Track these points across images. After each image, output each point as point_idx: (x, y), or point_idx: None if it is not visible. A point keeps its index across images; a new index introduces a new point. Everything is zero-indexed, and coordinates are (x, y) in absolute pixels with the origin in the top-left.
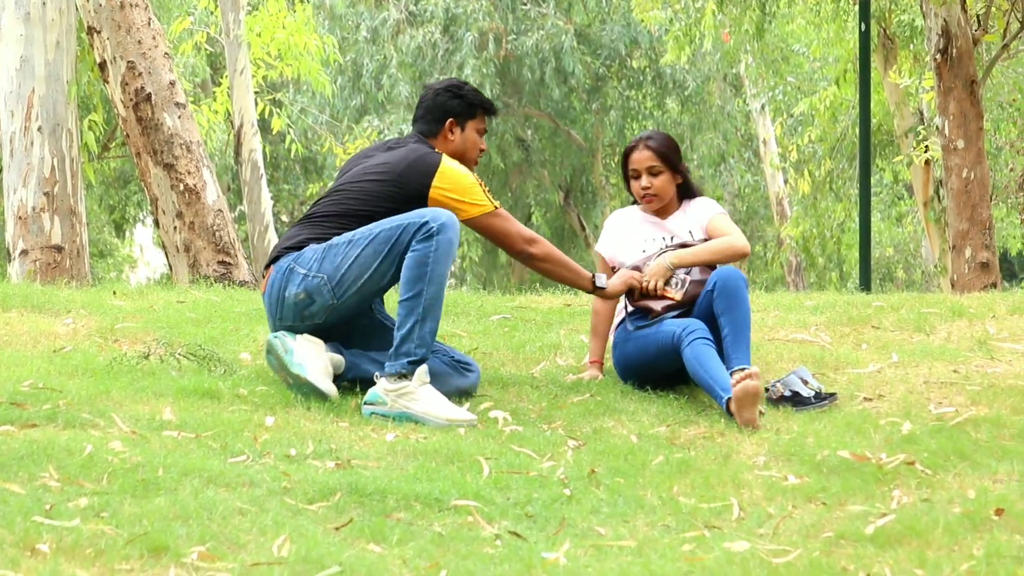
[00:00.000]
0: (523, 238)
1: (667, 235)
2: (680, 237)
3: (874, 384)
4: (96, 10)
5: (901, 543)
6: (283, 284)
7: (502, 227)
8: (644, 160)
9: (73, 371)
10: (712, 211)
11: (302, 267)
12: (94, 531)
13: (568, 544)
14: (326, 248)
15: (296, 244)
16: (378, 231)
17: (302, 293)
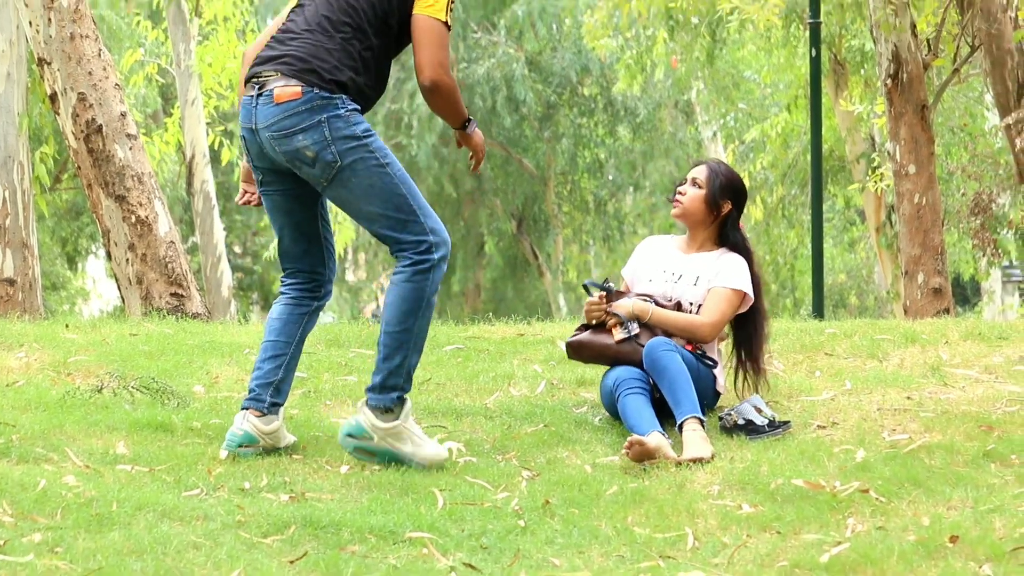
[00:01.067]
0: (442, 62)
1: (684, 273)
2: (686, 280)
3: (828, 411)
4: (47, 41)
5: (856, 571)
6: (303, 123)
7: (439, 40)
8: (696, 172)
9: (26, 405)
10: (725, 282)
11: (329, 130)
12: (48, 567)
13: (524, 575)
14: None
15: (337, 80)
16: (399, 193)
17: (311, 151)
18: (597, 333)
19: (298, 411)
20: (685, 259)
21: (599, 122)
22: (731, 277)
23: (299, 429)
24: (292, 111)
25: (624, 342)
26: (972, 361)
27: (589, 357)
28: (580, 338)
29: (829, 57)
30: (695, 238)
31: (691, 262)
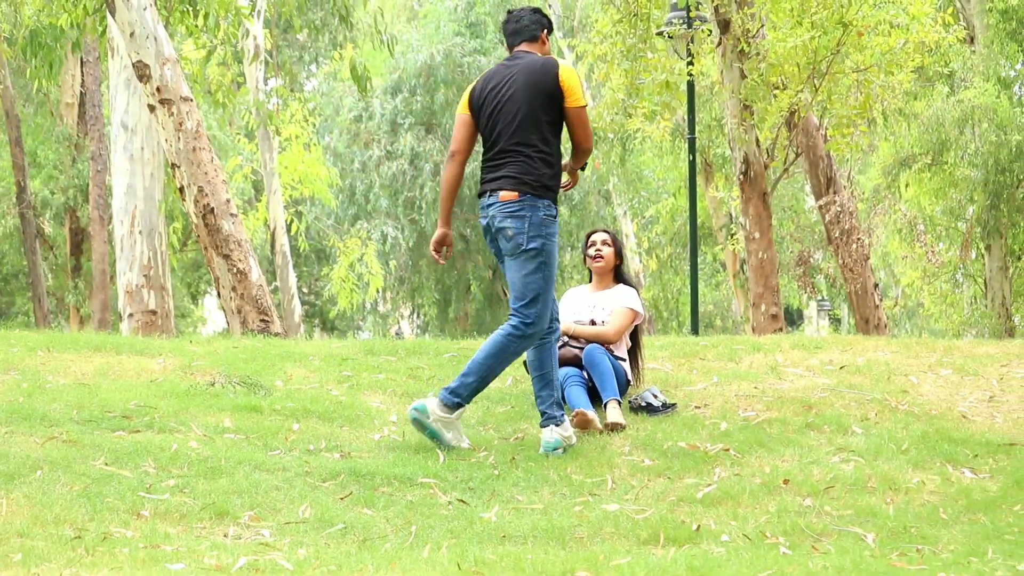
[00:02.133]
0: (589, 135)
1: (596, 305)
2: (598, 308)
3: (701, 397)
4: (177, 152)
5: (721, 503)
6: (527, 225)
7: (587, 120)
8: (601, 236)
9: (163, 394)
10: (623, 303)
11: (534, 228)
12: (179, 502)
13: (497, 507)
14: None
15: (538, 183)
16: (545, 273)
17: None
18: None
19: (344, 397)
20: (597, 295)
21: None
22: (628, 301)
23: (344, 410)
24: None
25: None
26: (798, 363)
27: None
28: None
29: (701, 160)
30: (603, 281)
31: (602, 296)
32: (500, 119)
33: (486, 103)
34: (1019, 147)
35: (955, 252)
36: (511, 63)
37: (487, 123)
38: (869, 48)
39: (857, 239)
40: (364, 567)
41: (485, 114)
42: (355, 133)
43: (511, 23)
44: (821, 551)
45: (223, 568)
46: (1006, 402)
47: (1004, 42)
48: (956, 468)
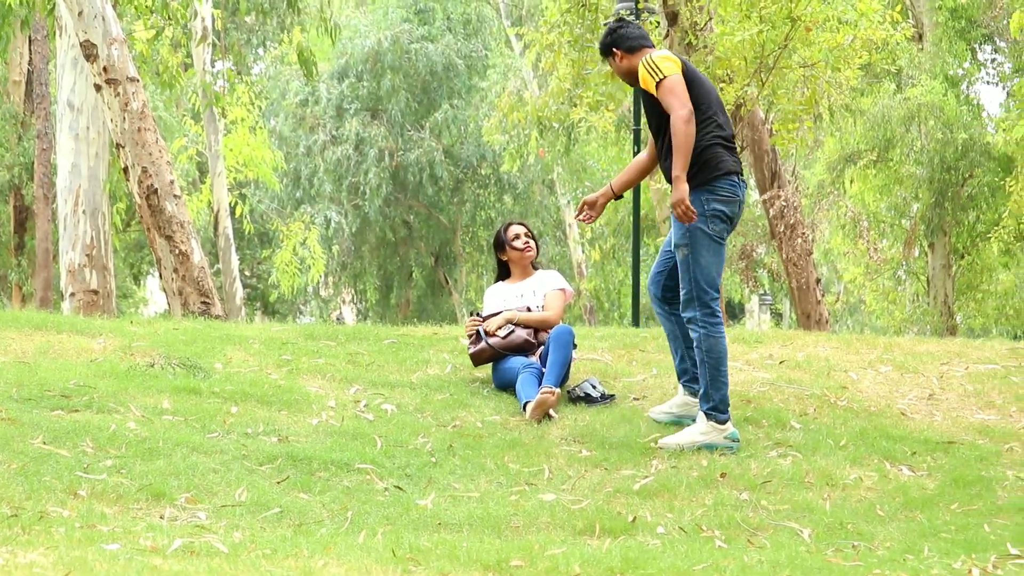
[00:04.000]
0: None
1: (524, 293)
2: (527, 297)
3: (640, 389)
4: (122, 132)
5: (657, 495)
6: None
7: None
8: (522, 228)
9: (103, 374)
10: (553, 285)
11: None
12: (116, 482)
13: (433, 494)
14: None
15: None
16: None
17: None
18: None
19: (283, 381)
20: (520, 285)
21: (491, 192)
22: (558, 282)
23: (283, 394)
24: None
25: (509, 335)
26: (738, 356)
27: (487, 358)
28: (476, 349)
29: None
30: (523, 272)
31: (527, 284)
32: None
33: (697, 77)
34: (965, 145)
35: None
36: None
37: (715, 100)
38: (817, 44)
39: (801, 234)
40: (299, 551)
41: (706, 89)
42: (301, 117)
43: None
44: (757, 545)
45: (158, 549)
46: (945, 400)
47: (952, 40)
48: (894, 465)
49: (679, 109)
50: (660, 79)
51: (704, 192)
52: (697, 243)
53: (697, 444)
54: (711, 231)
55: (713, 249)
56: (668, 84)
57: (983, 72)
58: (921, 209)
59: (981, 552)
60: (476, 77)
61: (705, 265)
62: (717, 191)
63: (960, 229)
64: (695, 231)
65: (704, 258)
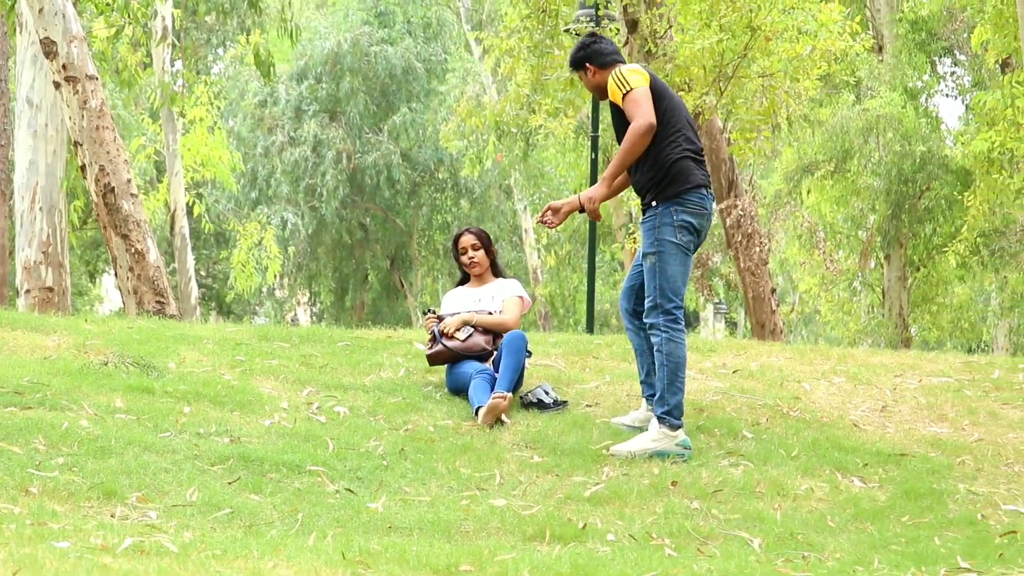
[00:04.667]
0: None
1: (483, 298)
2: (485, 301)
3: (593, 395)
4: (80, 130)
5: (608, 503)
6: None
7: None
8: (469, 240)
9: (56, 372)
10: (512, 292)
11: None
12: (68, 480)
13: (384, 498)
14: None
15: None
16: None
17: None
18: (440, 343)
19: (237, 382)
20: (479, 290)
21: (448, 196)
22: (516, 289)
23: (236, 394)
24: None
25: (468, 338)
26: (692, 365)
27: (444, 360)
28: (434, 351)
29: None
30: (482, 278)
31: (487, 289)
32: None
33: (665, 92)
34: (923, 158)
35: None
36: None
37: (680, 114)
38: (776, 54)
39: (758, 244)
40: (249, 552)
41: (673, 103)
42: (259, 118)
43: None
44: (707, 554)
45: (109, 548)
46: (898, 412)
47: (912, 52)
48: (845, 476)
49: (640, 118)
50: (627, 91)
51: (674, 203)
52: (665, 253)
53: (649, 451)
54: (679, 241)
55: (680, 259)
56: (633, 95)
57: (942, 85)
58: (878, 221)
59: (931, 565)
60: (435, 81)
61: (671, 275)
62: (686, 203)
63: (916, 241)
64: (664, 241)
65: (671, 267)
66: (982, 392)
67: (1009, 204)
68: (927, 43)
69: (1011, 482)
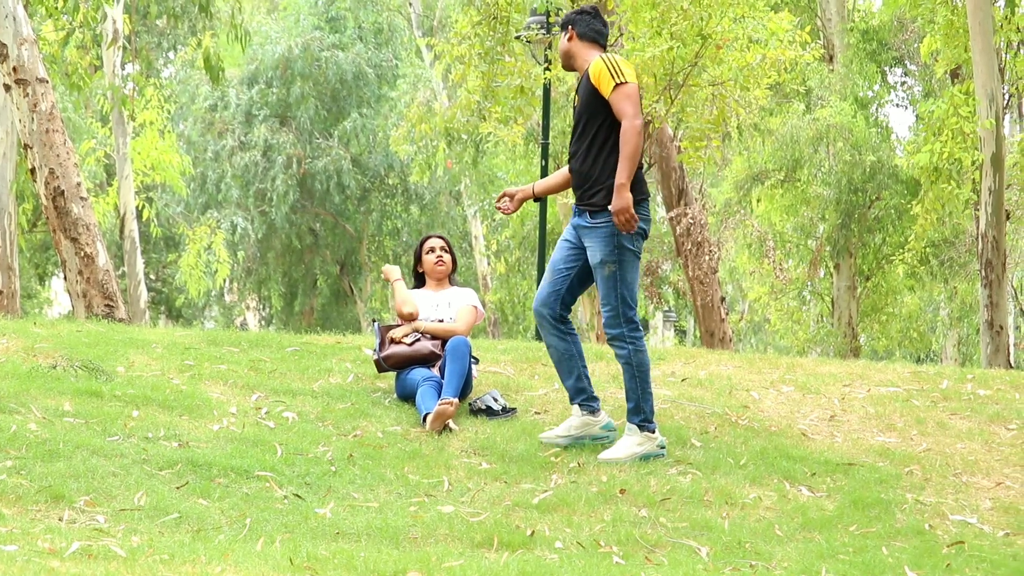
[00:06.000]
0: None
1: (440, 303)
2: (442, 308)
3: (541, 403)
4: (30, 132)
5: (556, 510)
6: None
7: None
8: (436, 242)
9: (4, 375)
10: (467, 302)
11: None
12: (15, 483)
13: (333, 503)
14: None
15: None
16: None
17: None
18: (390, 348)
19: (185, 386)
20: (437, 295)
21: (398, 202)
22: (471, 299)
23: (184, 399)
24: None
25: (415, 343)
26: None
27: (392, 365)
28: (384, 354)
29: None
30: (439, 285)
31: (442, 296)
32: None
33: None
34: (873, 167)
35: (804, 269)
36: None
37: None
38: (726, 62)
39: (707, 252)
40: (197, 557)
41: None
42: (209, 122)
43: (599, 16)
44: (655, 562)
45: (56, 552)
46: (846, 422)
47: (863, 62)
48: (793, 485)
49: (635, 118)
50: (621, 82)
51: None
52: (624, 260)
53: (637, 455)
54: (635, 248)
55: (635, 265)
56: (628, 90)
57: (893, 95)
58: (827, 230)
59: (879, 575)
60: (386, 87)
61: (630, 281)
62: (640, 210)
63: (866, 251)
64: (624, 249)
65: (629, 275)
66: (930, 402)
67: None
68: (878, 53)
69: (959, 492)
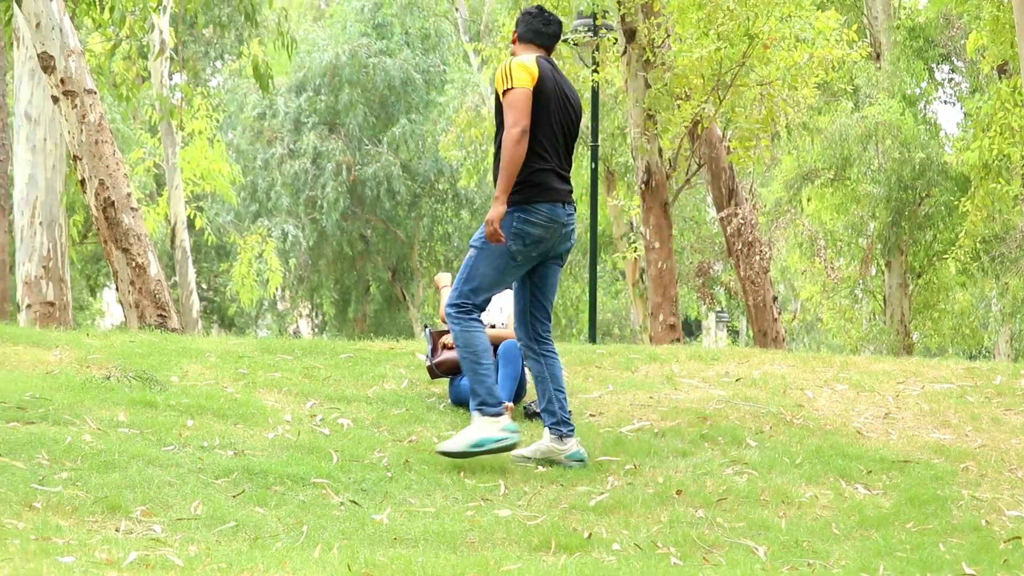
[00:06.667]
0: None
1: (490, 308)
2: (493, 312)
3: (596, 405)
4: (79, 144)
5: (613, 512)
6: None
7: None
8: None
9: (59, 387)
10: None
11: None
12: (72, 495)
13: (389, 509)
14: None
15: None
16: None
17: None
18: (443, 354)
19: (239, 395)
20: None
21: (448, 207)
22: None
23: (239, 407)
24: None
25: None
26: (694, 373)
27: (444, 372)
28: (436, 360)
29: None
30: None
31: (498, 298)
32: (569, 125)
33: (551, 100)
34: (922, 164)
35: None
36: (559, 72)
37: (559, 121)
38: (774, 62)
39: (759, 252)
40: (255, 566)
41: (553, 111)
42: (258, 131)
43: (557, 26)
44: (712, 563)
45: (114, 562)
46: (901, 419)
47: (910, 59)
48: (849, 483)
49: (512, 126)
50: (509, 87)
51: (518, 210)
52: (487, 253)
53: (473, 439)
54: (513, 248)
55: (496, 265)
56: (512, 96)
57: (940, 91)
58: (878, 228)
59: (936, 571)
60: (434, 92)
61: (481, 276)
62: (531, 213)
63: (917, 248)
64: (490, 244)
65: (483, 269)
66: (984, 398)
67: (1008, 210)
68: (924, 50)
69: (1015, 488)
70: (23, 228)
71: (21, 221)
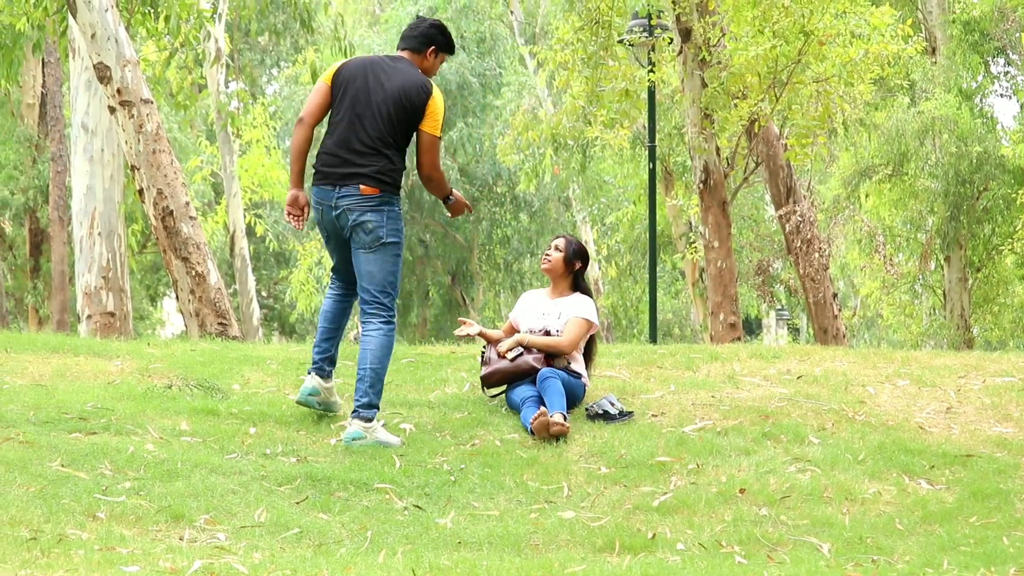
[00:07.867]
0: (435, 164)
1: (549, 312)
2: (551, 315)
3: (658, 405)
4: (136, 154)
5: (677, 512)
6: (386, 219)
7: (436, 148)
8: (557, 241)
9: (121, 396)
10: (577, 313)
11: (392, 223)
12: (135, 504)
13: (453, 513)
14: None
15: (394, 183)
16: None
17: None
18: (493, 364)
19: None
20: (551, 302)
21: (507, 210)
22: (583, 310)
23: (302, 414)
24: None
25: (516, 358)
26: (755, 372)
27: (497, 381)
28: (487, 371)
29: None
30: (557, 287)
31: (555, 304)
32: (365, 111)
33: (350, 86)
34: (979, 159)
35: (914, 263)
36: (393, 62)
37: (348, 107)
38: (829, 58)
39: (818, 249)
40: (319, 572)
41: (348, 97)
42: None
43: (409, 28)
44: (777, 561)
45: (178, 571)
46: (963, 413)
47: (966, 53)
48: (912, 479)
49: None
50: None
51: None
52: None
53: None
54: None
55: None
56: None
57: (996, 85)
58: (936, 223)
59: (1000, 565)
60: (490, 95)
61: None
62: (313, 194)
63: (975, 242)
64: None
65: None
66: None
67: None
68: (980, 44)
69: None
70: (82, 239)
71: (80, 232)
